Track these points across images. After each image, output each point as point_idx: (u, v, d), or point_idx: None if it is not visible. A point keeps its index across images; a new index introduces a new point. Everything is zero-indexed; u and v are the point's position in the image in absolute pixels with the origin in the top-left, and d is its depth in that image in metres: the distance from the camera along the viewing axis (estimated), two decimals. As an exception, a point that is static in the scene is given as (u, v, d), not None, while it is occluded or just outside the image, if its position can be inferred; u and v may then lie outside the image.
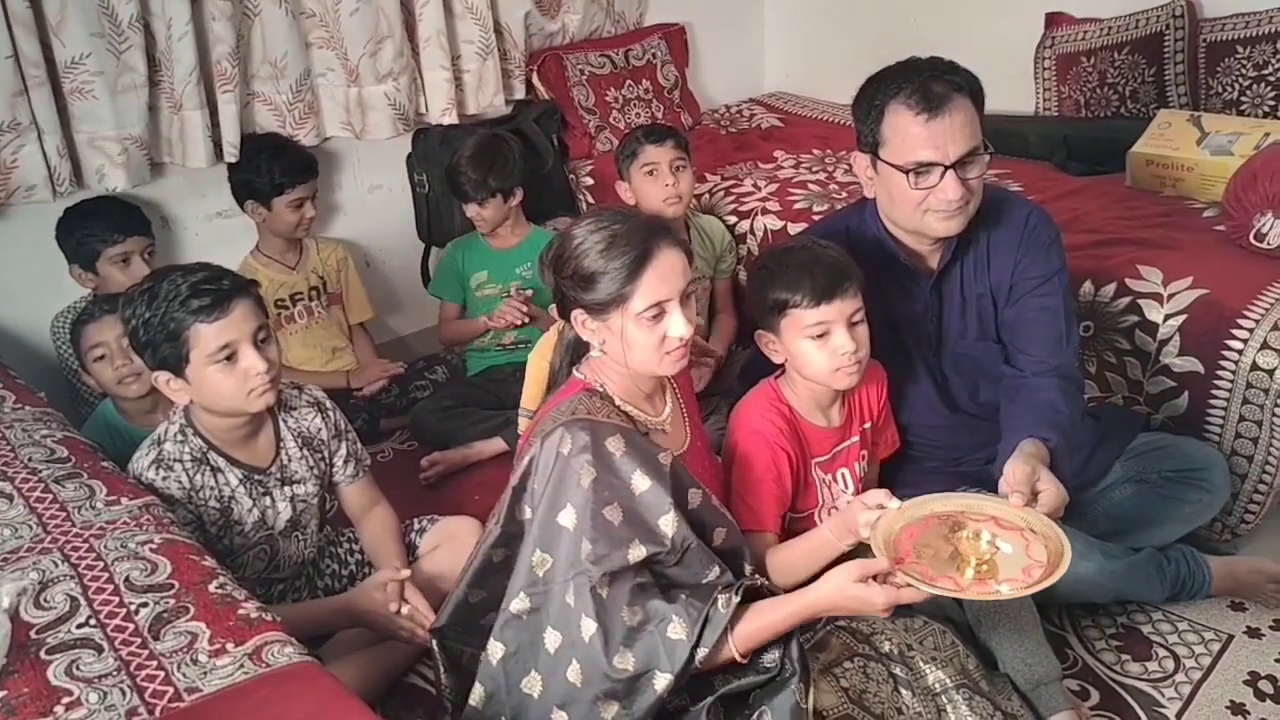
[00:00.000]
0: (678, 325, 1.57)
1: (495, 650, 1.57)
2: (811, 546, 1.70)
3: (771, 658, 1.53)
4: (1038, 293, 1.90)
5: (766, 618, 1.50)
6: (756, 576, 1.59)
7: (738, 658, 1.49)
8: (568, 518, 1.50)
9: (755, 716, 1.51)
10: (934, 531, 1.54)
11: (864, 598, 1.46)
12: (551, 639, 1.51)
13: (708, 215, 3.01)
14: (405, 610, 1.83)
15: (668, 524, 1.51)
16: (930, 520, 1.55)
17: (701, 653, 1.46)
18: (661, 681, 1.46)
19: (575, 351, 1.73)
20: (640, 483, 1.52)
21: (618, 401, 1.64)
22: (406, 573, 1.89)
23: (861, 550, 1.68)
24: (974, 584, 1.45)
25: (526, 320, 2.74)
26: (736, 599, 1.48)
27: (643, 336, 1.57)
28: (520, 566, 1.55)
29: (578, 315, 1.62)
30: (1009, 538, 1.53)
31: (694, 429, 1.79)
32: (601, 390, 1.64)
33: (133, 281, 2.48)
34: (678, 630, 1.46)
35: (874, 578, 1.46)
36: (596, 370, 1.66)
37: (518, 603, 1.54)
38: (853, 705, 1.55)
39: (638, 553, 1.49)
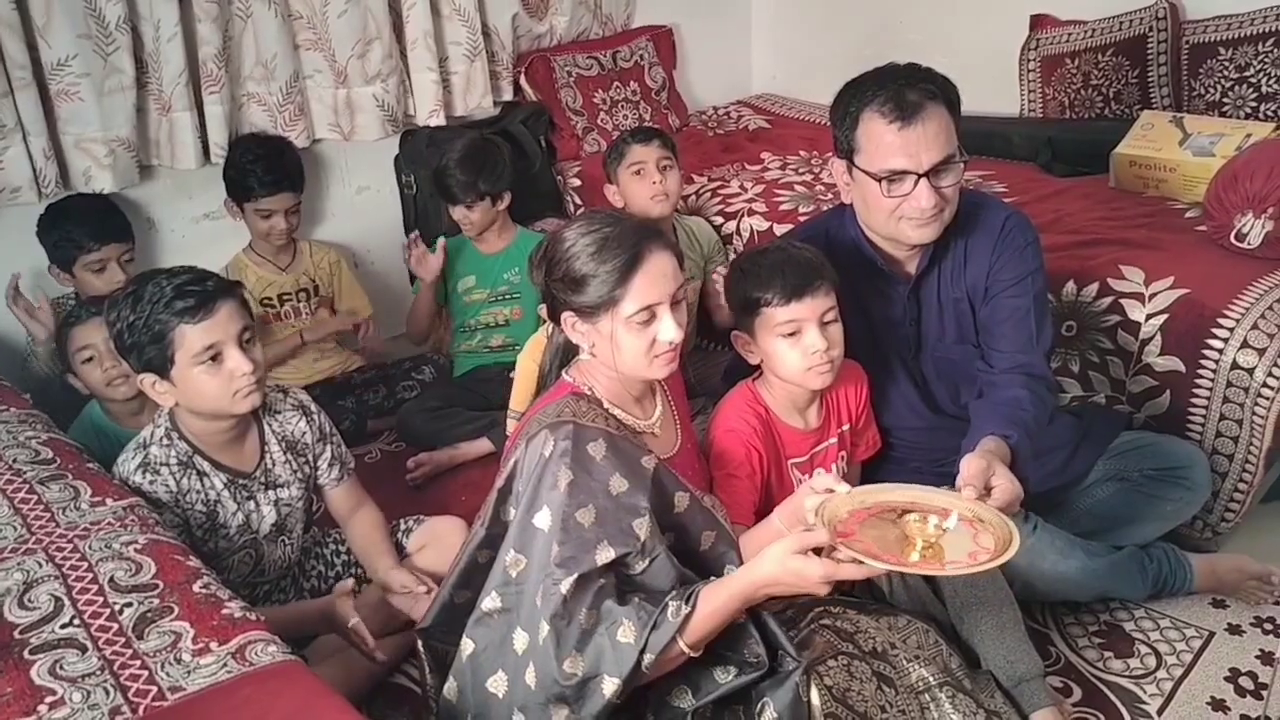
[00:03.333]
0: (668, 329, 1.57)
1: (466, 647, 1.57)
2: (762, 537, 1.66)
3: (755, 651, 1.52)
4: (1009, 293, 1.90)
5: (709, 604, 1.46)
6: (711, 578, 1.55)
7: (688, 651, 1.46)
8: (543, 520, 1.49)
9: (758, 708, 1.51)
10: (881, 518, 1.49)
11: (801, 571, 1.41)
12: (520, 640, 1.51)
13: (695, 217, 3.02)
14: (352, 624, 1.80)
15: (641, 528, 1.50)
16: (878, 508, 1.51)
17: (648, 658, 1.43)
18: (609, 686, 1.43)
19: (565, 354, 1.72)
20: (618, 484, 1.51)
21: (606, 405, 1.63)
22: (349, 584, 1.88)
23: None
24: (918, 563, 1.42)
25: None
26: (688, 609, 1.44)
27: (632, 340, 1.56)
28: (496, 566, 1.55)
29: (567, 318, 1.62)
30: (956, 520, 1.49)
31: (684, 430, 1.79)
32: (589, 393, 1.63)
33: (109, 287, 2.51)
34: (627, 633, 1.43)
35: (816, 552, 1.42)
36: (585, 373, 1.66)
37: (489, 601, 1.54)
38: (836, 704, 1.55)
39: (605, 554, 1.47)
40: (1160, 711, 1.87)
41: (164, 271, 1.77)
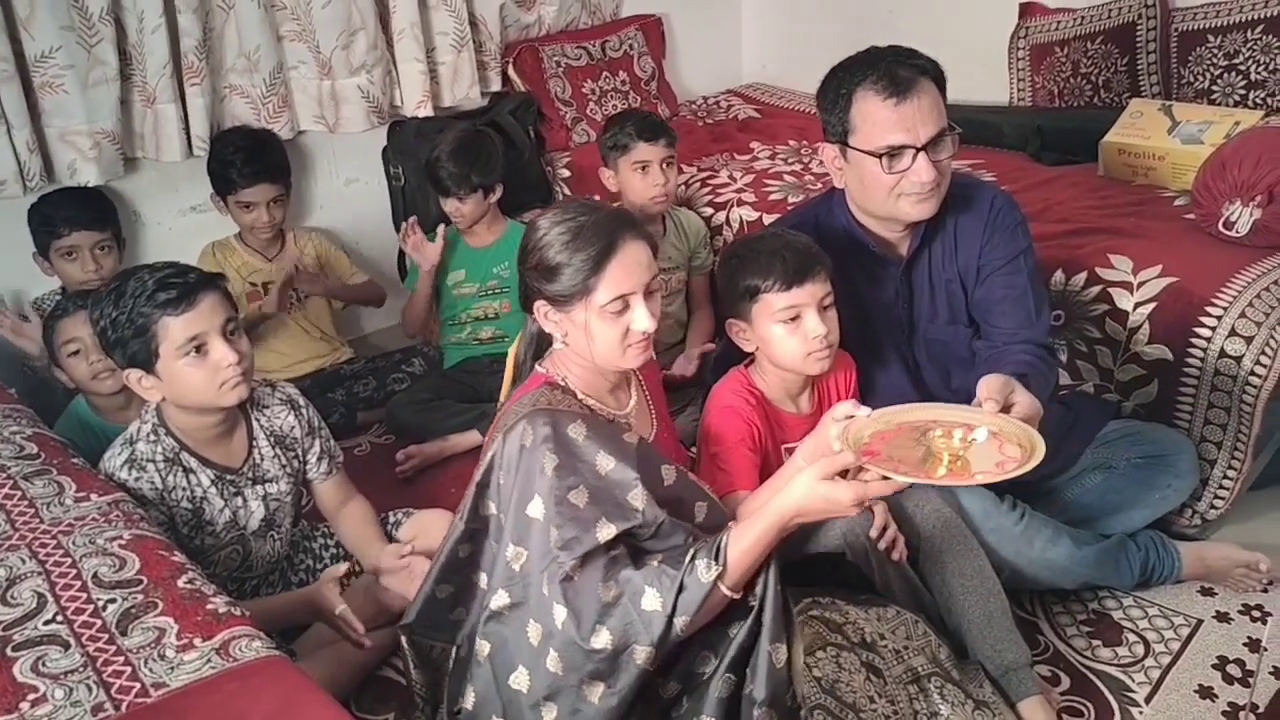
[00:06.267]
0: (641, 319, 1.56)
1: (482, 648, 1.57)
2: (784, 478, 1.65)
3: (755, 594, 1.52)
4: (1004, 271, 1.92)
5: (742, 543, 1.45)
6: (731, 524, 1.55)
7: (731, 595, 1.46)
8: (536, 509, 1.49)
9: (748, 679, 1.50)
10: (905, 437, 1.48)
11: (831, 495, 1.41)
12: (534, 632, 1.50)
13: (685, 209, 3.01)
14: (339, 610, 1.80)
15: (637, 498, 1.49)
16: (902, 428, 1.50)
17: (681, 621, 1.43)
18: (642, 654, 1.44)
19: (539, 345, 1.72)
20: (605, 462, 1.50)
21: (580, 395, 1.62)
22: (340, 569, 1.86)
23: None
24: (947, 476, 1.41)
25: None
26: (719, 566, 1.43)
27: (606, 329, 1.56)
28: (498, 563, 1.55)
29: (540, 307, 1.61)
30: (985, 431, 1.48)
31: (660, 420, 1.78)
32: (563, 384, 1.62)
33: (84, 276, 2.52)
34: (651, 601, 1.43)
35: (841, 475, 1.42)
36: (559, 364, 1.65)
37: (498, 599, 1.53)
38: (825, 695, 1.55)
39: (606, 531, 1.46)
40: (1148, 699, 1.87)
41: (146, 267, 1.76)
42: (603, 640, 1.44)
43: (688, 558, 1.45)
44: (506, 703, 1.54)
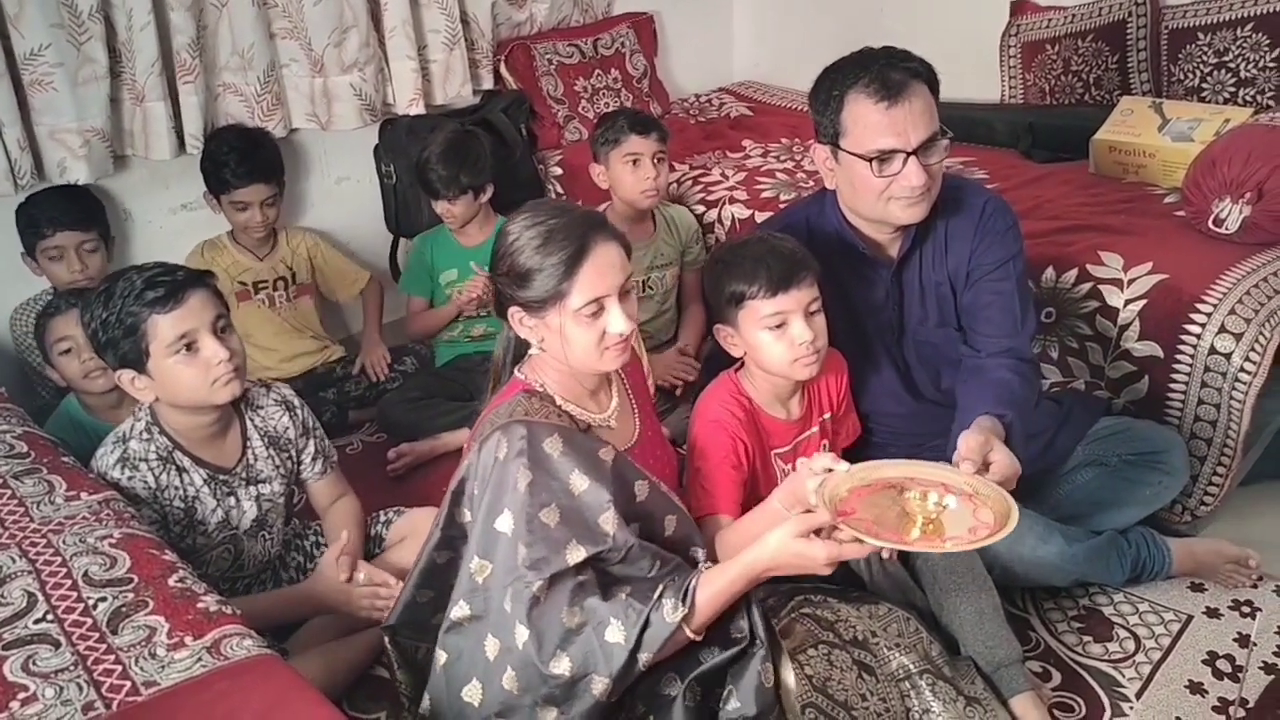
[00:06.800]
0: (617, 321, 1.53)
1: (439, 658, 1.56)
2: (760, 518, 1.66)
3: (739, 627, 1.52)
4: (992, 277, 1.91)
5: (711, 588, 1.46)
6: (702, 565, 1.56)
7: (693, 637, 1.47)
8: (505, 523, 1.47)
9: (725, 696, 1.51)
10: (881, 495, 1.49)
11: (805, 553, 1.42)
12: (492, 646, 1.49)
13: (676, 205, 3.02)
14: (361, 578, 1.80)
15: (608, 522, 1.49)
16: (879, 485, 1.51)
17: (644, 658, 1.43)
18: (599, 685, 1.43)
19: (517, 350, 1.69)
20: (579, 482, 1.49)
21: (559, 401, 1.60)
22: (345, 535, 1.88)
23: None
24: (919, 540, 1.42)
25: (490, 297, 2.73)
26: (685, 608, 1.44)
27: (581, 333, 1.53)
28: (462, 574, 1.54)
29: (514, 313, 1.58)
30: (956, 499, 1.50)
31: (645, 420, 1.76)
32: (541, 390, 1.60)
33: (70, 276, 2.52)
34: (615, 633, 1.43)
35: (816, 533, 1.44)
36: (536, 369, 1.63)
37: (458, 610, 1.52)
38: (816, 693, 1.56)
39: (576, 554, 1.45)
40: (1139, 695, 1.88)
41: (134, 268, 1.76)
42: (562, 666, 1.44)
43: (656, 594, 1.45)
44: (457, 714, 1.54)
